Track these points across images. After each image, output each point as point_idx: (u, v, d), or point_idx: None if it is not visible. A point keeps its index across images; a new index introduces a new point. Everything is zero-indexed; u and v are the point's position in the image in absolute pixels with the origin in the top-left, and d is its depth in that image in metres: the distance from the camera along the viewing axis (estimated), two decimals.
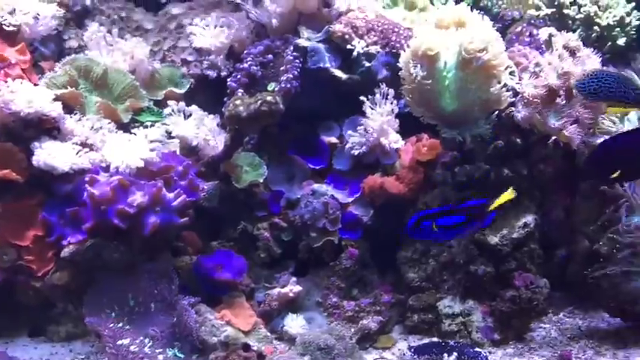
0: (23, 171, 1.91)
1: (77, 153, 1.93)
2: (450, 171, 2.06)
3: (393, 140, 2.17)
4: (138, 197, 1.87)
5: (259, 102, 1.99)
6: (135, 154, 1.95)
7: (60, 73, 2.08)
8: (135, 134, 2.07)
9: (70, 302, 1.99)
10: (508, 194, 1.75)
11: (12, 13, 2.11)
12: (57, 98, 1.97)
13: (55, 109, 1.93)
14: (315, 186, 2.20)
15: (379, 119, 2.14)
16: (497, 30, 2.37)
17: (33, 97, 1.89)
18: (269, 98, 1.99)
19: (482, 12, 2.49)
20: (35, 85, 2.02)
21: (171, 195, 1.92)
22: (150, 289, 1.97)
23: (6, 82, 1.92)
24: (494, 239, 2.03)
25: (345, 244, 2.17)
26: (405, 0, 2.43)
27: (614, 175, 1.74)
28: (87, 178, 1.86)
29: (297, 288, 2.11)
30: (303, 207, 2.16)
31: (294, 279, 2.14)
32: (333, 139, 2.27)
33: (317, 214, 2.13)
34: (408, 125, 2.18)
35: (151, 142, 2.05)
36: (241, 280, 2.07)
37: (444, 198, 2.10)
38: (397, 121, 2.19)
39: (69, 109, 2.04)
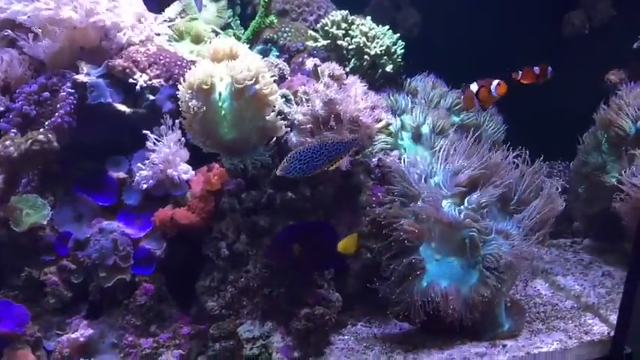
0: None
1: None
2: (236, 198, 2.12)
3: (183, 171, 2.18)
4: None
5: (29, 141, 1.91)
6: None
7: None
8: None
9: None
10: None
11: None
12: None
13: None
14: (104, 223, 2.14)
15: (165, 151, 2.14)
16: (284, 60, 2.53)
17: None
18: (40, 137, 1.92)
19: (269, 44, 2.65)
20: None
21: None
22: None
23: None
24: None
25: (139, 280, 2.13)
26: (191, 34, 2.48)
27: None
28: None
29: (89, 331, 2.03)
30: (92, 246, 2.09)
31: (85, 322, 2.06)
32: (122, 174, 2.23)
33: (105, 252, 2.07)
34: (202, 155, 2.21)
35: None
36: (23, 331, 1.95)
37: (235, 225, 2.15)
38: (186, 151, 2.20)
39: None
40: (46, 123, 2.02)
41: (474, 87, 2.20)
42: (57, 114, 2.06)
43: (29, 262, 2.10)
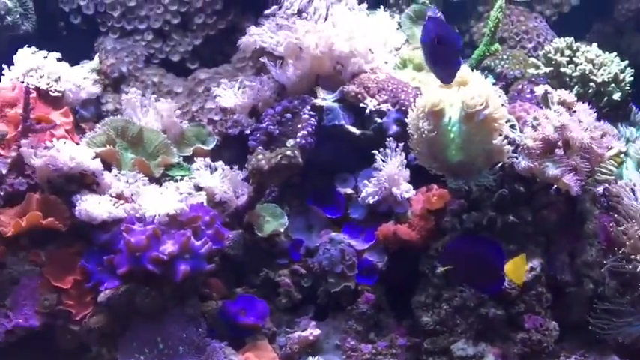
0: (65, 221, 2.09)
1: (114, 204, 2.11)
2: (458, 218, 2.20)
3: (405, 190, 2.31)
4: (169, 246, 2.02)
5: (279, 156, 2.16)
6: (166, 206, 2.12)
7: (99, 133, 2.30)
8: (166, 187, 2.25)
9: (104, 346, 2.12)
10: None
11: (57, 80, 2.35)
12: (96, 156, 2.17)
13: (95, 166, 2.13)
14: (333, 234, 2.34)
15: (390, 170, 2.29)
16: (500, 87, 2.58)
17: (76, 155, 2.09)
18: (288, 153, 2.17)
19: (486, 71, 2.72)
20: (77, 144, 2.23)
21: (198, 243, 2.08)
22: (179, 333, 2.10)
23: (52, 142, 2.12)
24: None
25: (362, 289, 2.29)
26: (414, 62, 2.63)
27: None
28: (123, 227, 2.03)
29: (317, 331, 2.22)
30: (321, 254, 2.30)
31: (313, 323, 2.26)
32: (349, 190, 2.42)
33: (335, 260, 2.26)
34: (418, 177, 2.33)
35: (181, 194, 2.22)
36: (264, 324, 2.19)
37: None
38: (408, 171, 2.34)
39: (107, 165, 2.24)
40: (292, 143, 2.27)
41: None
42: (300, 134, 2.31)
43: (266, 264, 2.35)
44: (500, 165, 2.13)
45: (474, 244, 2.06)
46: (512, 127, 2.19)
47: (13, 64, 2.39)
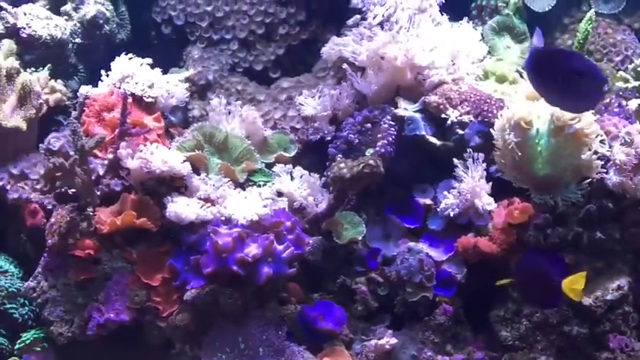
0: (156, 221, 2.18)
1: (201, 207, 2.19)
2: (542, 233, 2.16)
3: (486, 202, 2.29)
4: (253, 249, 2.08)
5: (362, 165, 2.19)
6: (251, 210, 2.19)
7: (189, 138, 2.40)
8: (250, 192, 2.32)
9: (187, 344, 2.19)
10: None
11: (151, 86, 2.46)
12: (186, 160, 2.27)
13: (185, 169, 2.22)
14: (411, 244, 2.34)
15: (472, 182, 2.28)
16: None
17: (168, 158, 2.18)
18: (371, 162, 2.19)
19: None
20: (168, 148, 2.32)
21: (280, 247, 2.12)
22: (259, 335, 2.16)
23: (145, 145, 2.22)
24: (588, 300, 2.09)
25: (439, 301, 2.28)
26: (496, 74, 2.61)
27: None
28: (210, 229, 2.11)
29: (394, 340, 2.22)
30: (399, 263, 2.30)
31: (390, 332, 2.26)
32: (428, 201, 2.42)
33: (413, 270, 2.26)
34: (499, 190, 2.31)
35: (264, 199, 2.28)
36: (341, 330, 2.22)
37: None
38: (489, 184, 2.32)
39: (195, 169, 2.33)
40: (371, 152, 2.30)
41: None
42: (380, 143, 2.33)
43: (344, 271, 2.38)
44: (588, 180, 2.09)
45: (537, 259, 2.04)
46: (601, 141, 2.14)
47: (110, 70, 2.52)
